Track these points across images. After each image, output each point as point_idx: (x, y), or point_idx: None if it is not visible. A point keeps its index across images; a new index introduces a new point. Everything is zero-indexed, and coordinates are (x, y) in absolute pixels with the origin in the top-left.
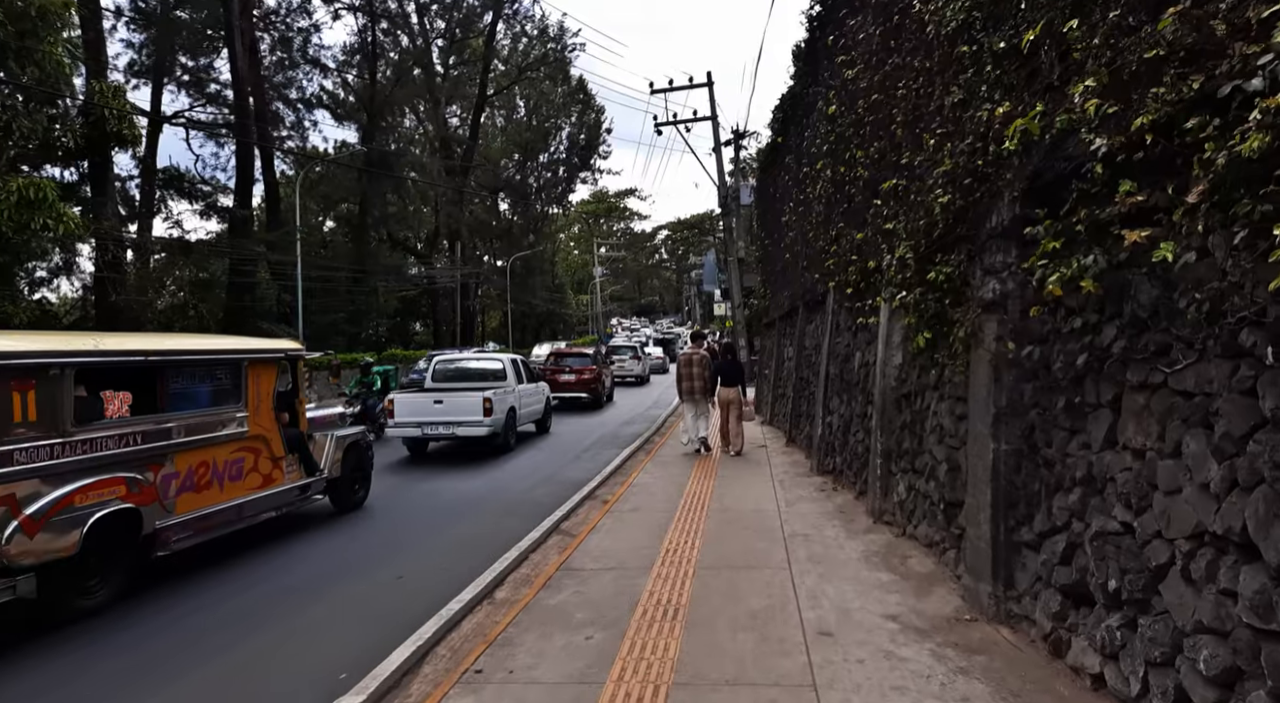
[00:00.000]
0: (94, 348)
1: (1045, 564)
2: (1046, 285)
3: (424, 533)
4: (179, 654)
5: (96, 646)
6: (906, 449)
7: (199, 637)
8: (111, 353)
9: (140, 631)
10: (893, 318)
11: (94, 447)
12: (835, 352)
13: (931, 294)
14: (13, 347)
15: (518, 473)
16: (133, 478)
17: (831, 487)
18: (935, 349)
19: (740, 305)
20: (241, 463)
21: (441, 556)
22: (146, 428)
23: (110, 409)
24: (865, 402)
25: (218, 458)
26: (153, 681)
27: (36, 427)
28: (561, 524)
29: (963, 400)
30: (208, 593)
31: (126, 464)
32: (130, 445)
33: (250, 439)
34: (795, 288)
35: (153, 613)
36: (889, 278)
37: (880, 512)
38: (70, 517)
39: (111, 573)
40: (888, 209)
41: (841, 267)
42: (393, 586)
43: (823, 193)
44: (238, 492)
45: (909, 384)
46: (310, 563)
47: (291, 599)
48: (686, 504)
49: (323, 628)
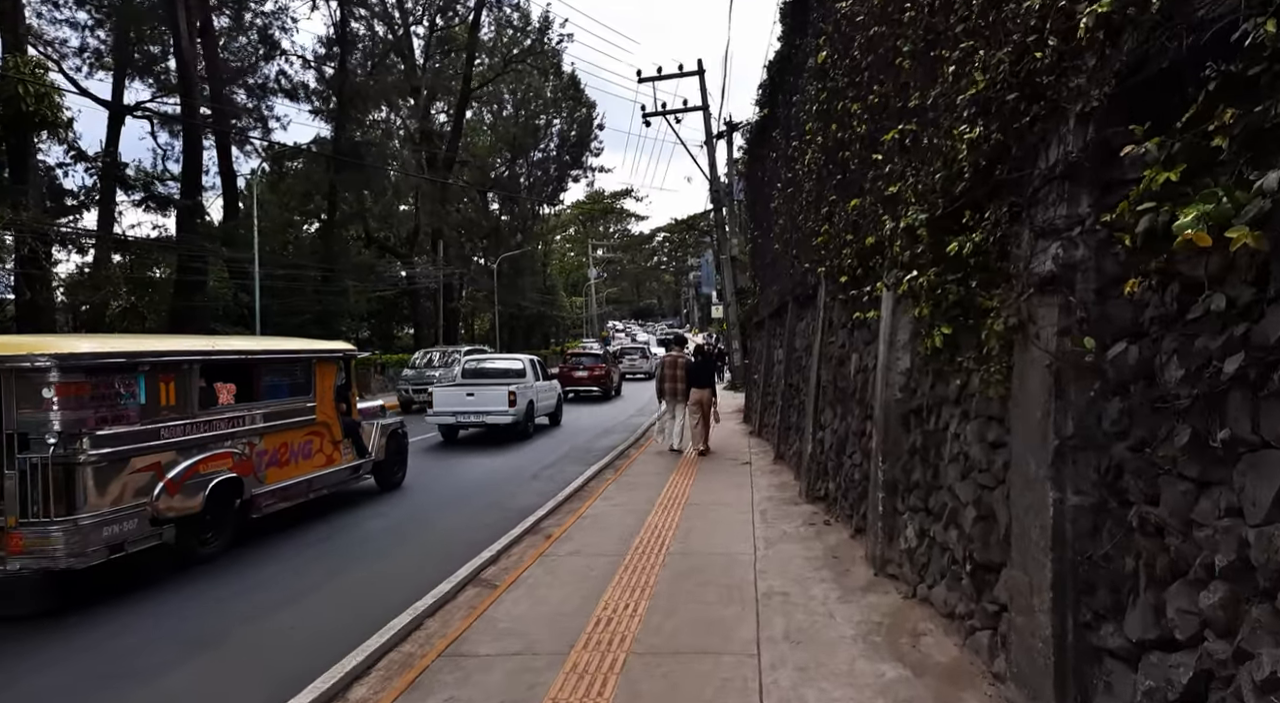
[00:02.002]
0: (212, 349)
1: (1154, 696)
2: (1179, 235)
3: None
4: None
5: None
6: (917, 482)
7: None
8: (224, 353)
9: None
10: (898, 309)
11: (211, 427)
12: (828, 354)
13: (952, 274)
14: (163, 347)
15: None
16: (236, 453)
17: (823, 519)
18: (957, 349)
19: (732, 303)
20: (310, 445)
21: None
22: (245, 413)
23: (221, 398)
24: (863, 416)
25: (294, 440)
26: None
27: (174, 411)
28: (486, 570)
29: (998, 423)
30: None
31: (232, 442)
32: (234, 427)
33: (317, 425)
34: (784, 282)
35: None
36: (893, 257)
37: (883, 560)
38: (196, 481)
39: (222, 529)
40: (891, 166)
41: (834, 248)
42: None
43: (813, 165)
44: (308, 468)
45: (920, 396)
46: (366, 529)
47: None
48: (642, 544)
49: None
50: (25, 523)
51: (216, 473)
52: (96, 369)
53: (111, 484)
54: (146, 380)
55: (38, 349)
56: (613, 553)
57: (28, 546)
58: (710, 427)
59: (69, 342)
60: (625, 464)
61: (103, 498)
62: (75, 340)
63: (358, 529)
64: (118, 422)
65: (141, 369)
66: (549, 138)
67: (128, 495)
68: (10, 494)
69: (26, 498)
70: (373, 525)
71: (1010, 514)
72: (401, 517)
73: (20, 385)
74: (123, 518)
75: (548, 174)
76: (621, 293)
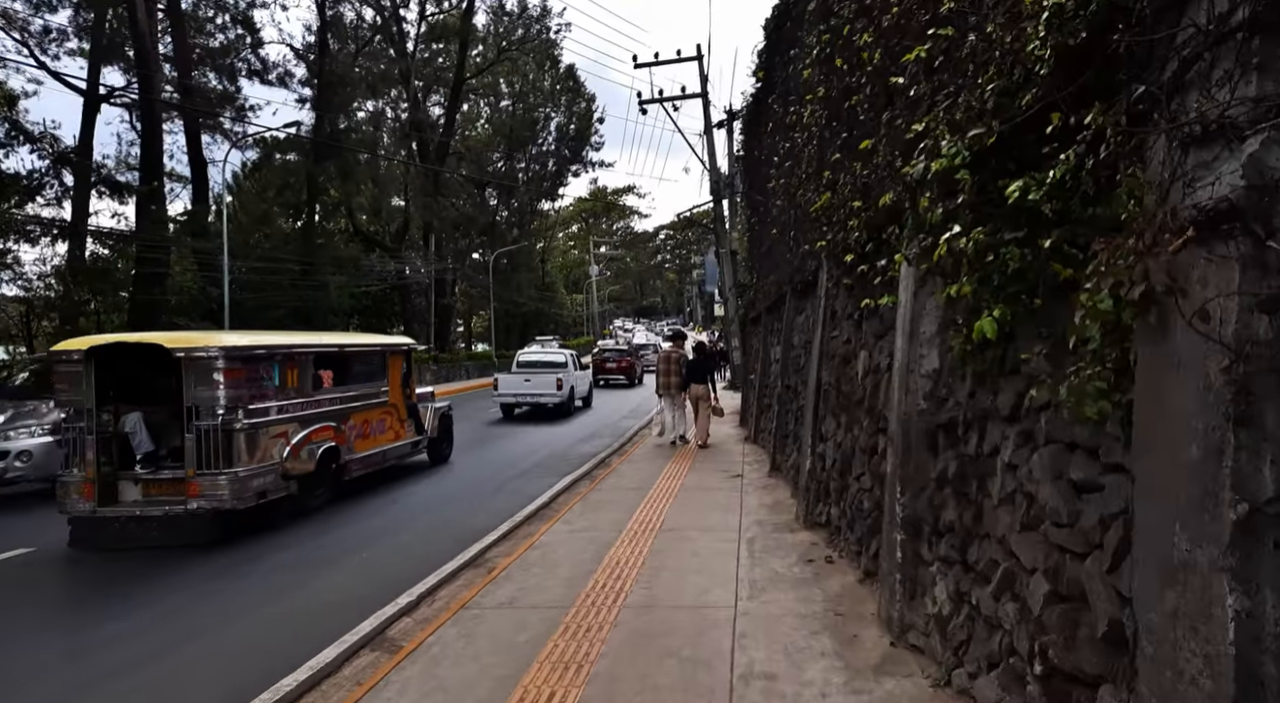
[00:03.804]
0: (319, 343)
1: None
2: None
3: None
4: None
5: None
6: (950, 524)
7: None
8: (327, 346)
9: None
10: (922, 291)
11: (319, 405)
12: (830, 351)
13: (1010, 232)
14: (289, 342)
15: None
16: (335, 426)
17: (823, 554)
18: (1011, 342)
19: (731, 299)
20: (384, 422)
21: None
22: (340, 394)
23: (325, 382)
24: (874, 429)
25: (372, 418)
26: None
27: (296, 391)
28: (390, 628)
29: (1092, 455)
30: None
31: (331, 417)
32: (333, 406)
33: (388, 406)
34: (782, 270)
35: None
36: (917, 219)
37: (902, 624)
38: (310, 448)
39: (326, 487)
40: (919, 88)
41: (838, 220)
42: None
43: (813, 124)
44: (382, 441)
45: (952, 406)
46: (421, 495)
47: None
48: (594, 592)
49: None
50: (200, 474)
51: (323, 442)
52: (248, 358)
53: (257, 447)
54: (279, 367)
55: (209, 343)
56: (555, 604)
57: (202, 490)
58: (709, 422)
59: (229, 337)
60: (617, 462)
61: (251, 457)
62: (232, 336)
63: (417, 495)
64: (261, 399)
65: (276, 358)
66: (547, 131)
67: (267, 456)
68: (189, 452)
69: (200, 455)
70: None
71: (1132, 615)
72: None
73: (196, 371)
74: (265, 473)
75: (546, 168)
76: (624, 291)
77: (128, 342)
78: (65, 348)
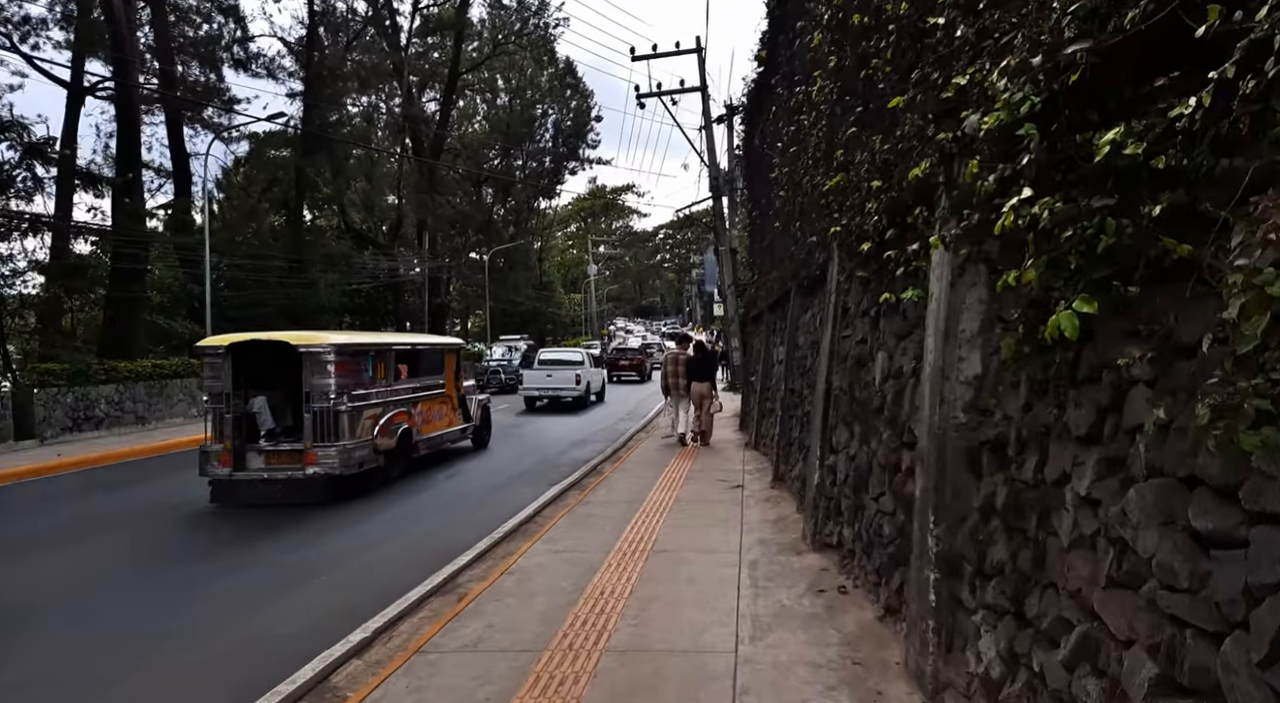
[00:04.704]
0: (399, 341)
1: None
2: None
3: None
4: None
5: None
6: (999, 565)
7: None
8: (404, 344)
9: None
10: (961, 281)
11: (398, 393)
12: (841, 352)
13: (1100, 199)
14: (379, 341)
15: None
16: (408, 411)
17: (836, 583)
18: (1099, 345)
19: (730, 298)
20: (441, 410)
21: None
22: (412, 385)
23: (402, 374)
24: (897, 443)
25: (433, 406)
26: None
27: (384, 381)
28: (335, 674)
29: (1214, 494)
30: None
31: (406, 404)
32: (408, 394)
33: (444, 396)
34: (785, 265)
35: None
36: (965, 188)
37: (936, 682)
38: (393, 428)
39: (402, 462)
40: (964, 29)
41: (853, 204)
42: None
43: (823, 101)
44: (441, 426)
45: (999, 421)
46: (470, 472)
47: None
48: (573, 630)
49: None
50: (315, 446)
51: (401, 424)
52: (353, 353)
53: (358, 425)
54: (372, 361)
55: (324, 341)
56: (526, 646)
57: (318, 459)
58: (711, 417)
59: (337, 336)
60: (610, 469)
61: (353, 434)
62: (340, 336)
63: (466, 474)
64: (360, 387)
65: (370, 354)
66: (544, 128)
67: (363, 433)
68: (307, 428)
69: (316, 431)
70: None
71: None
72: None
73: (314, 363)
74: (363, 447)
75: (543, 166)
76: (624, 291)
77: (260, 339)
78: (210, 344)
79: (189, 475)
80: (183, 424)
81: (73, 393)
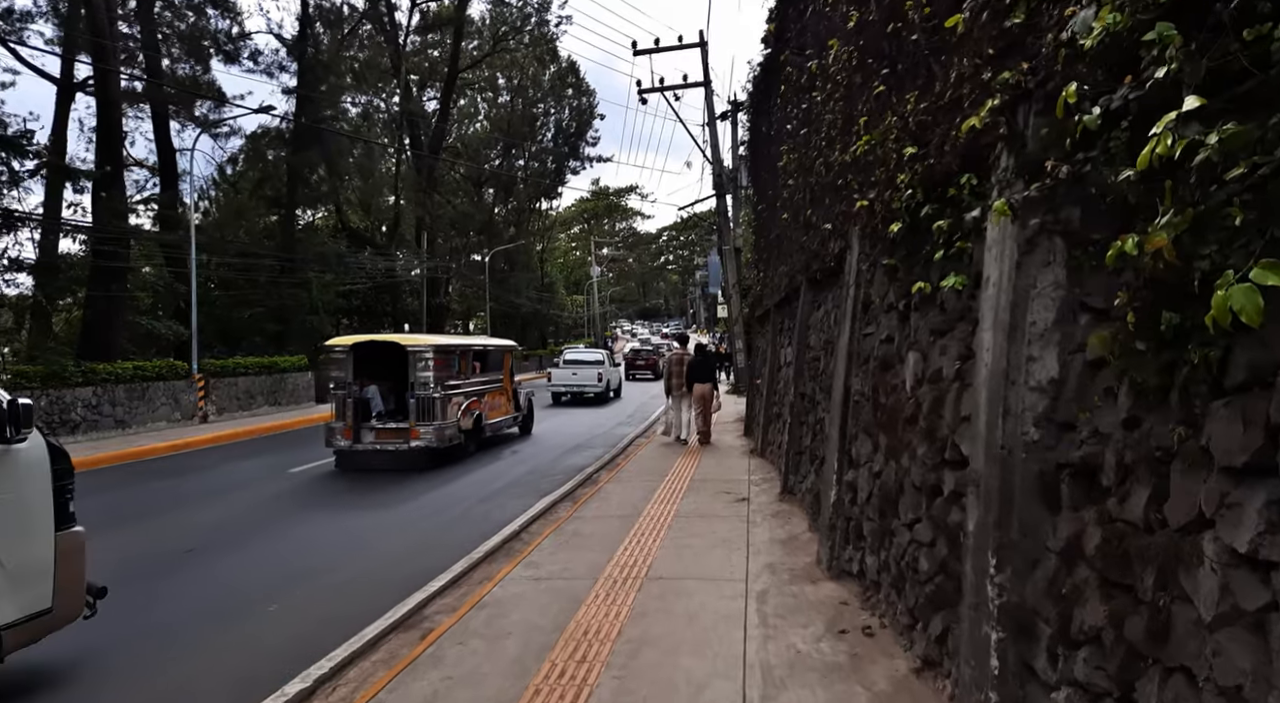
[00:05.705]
0: (473, 343)
1: None
2: None
3: (553, 447)
4: (510, 463)
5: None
6: (1093, 630)
7: (514, 465)
8: (478, 345)
9: (490, 459)
10: (1030, 259)
11: (474, 385)
12: (862, 353)
13: None
14: (461, 342)
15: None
16: (479, 400)
17: (860, 621)
18: (1262, 338)
19: (734, 297)
20: (500, 400)
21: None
22: (483, 379)
23: (476, 369)
24: (937, 461)
25: (496, 397)
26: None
27: (464, 375)
28: None
29: None
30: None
31: (478, 394)
32: (480, 386)
33: (503, 388)
34: (794, 259)
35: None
36: (1044, 138)
37: None
38: (471, 413)
39: (476, 441)
40: None
41: (879, 177)
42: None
43: (841, 71)
44: (500, 414)
45: (1089, 439)
46: (521, 452)
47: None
48: (546, 685)
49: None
50: (418, 424)
51: (476, 410)
52: (446, 352)
53: (448, 409)
54: (458, 359)
55: (424, 342)
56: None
57: (420, 435)
58: (711, 417)
59: (433, 338)
60: (606, 476)
61: (445, 417)
62: (437, 338)
63: (520, 451)
64: (450, 378)
65: (457, 352)
66: (546, 127)
67: (451, 416)
68: (412, 410)
69: (418, 413)
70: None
71: None
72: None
73: (418, 359)
74: (451, 427)
75: (545, 165)
76: (627, 292)
77: (375, 340)
78: (337, 343)
79: (171, 482)
80: (165, 429)
81: (46, 396)
